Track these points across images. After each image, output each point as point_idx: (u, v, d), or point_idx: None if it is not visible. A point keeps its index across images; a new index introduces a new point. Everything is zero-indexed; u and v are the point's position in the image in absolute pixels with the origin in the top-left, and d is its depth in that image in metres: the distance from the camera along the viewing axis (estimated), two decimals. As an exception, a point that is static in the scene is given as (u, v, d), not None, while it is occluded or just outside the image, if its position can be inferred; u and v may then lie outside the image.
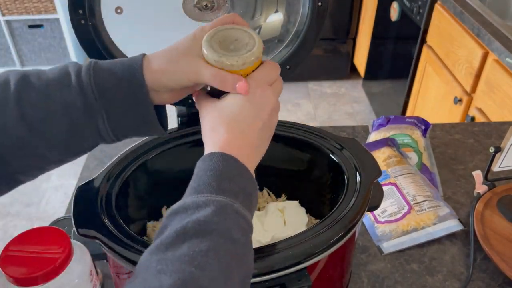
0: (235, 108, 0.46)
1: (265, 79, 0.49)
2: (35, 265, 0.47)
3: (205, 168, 0.42)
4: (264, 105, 0.47)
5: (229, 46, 0.48)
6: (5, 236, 1.88)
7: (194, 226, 0.37)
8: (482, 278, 0.72)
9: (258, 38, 0.49)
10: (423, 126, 0.97)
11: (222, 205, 0.39)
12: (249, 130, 0.46)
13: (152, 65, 0.49)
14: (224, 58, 0.47)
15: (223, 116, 0.46)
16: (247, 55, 0.47)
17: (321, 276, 0.55)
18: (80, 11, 0.57)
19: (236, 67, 0.47)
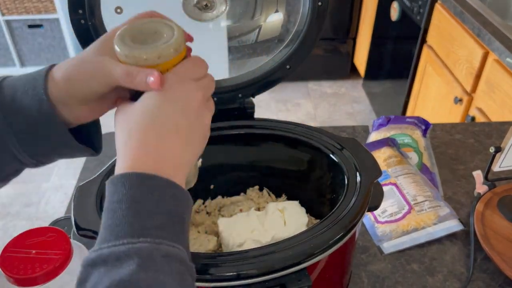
0: (149, 110, 0.38)
1: (188, 74, 0.41)
2: (35, 265, 0.47)
3: (119, 198, 0.34)
4: (187, 102, 0.40)
5: (146, 40, 0.42)
6: (5, 236, 1.88)
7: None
8: (482, 278, 0.72)
9: (178, 29, 0.43)
10: (423, 126, 0.97)
11: (148, 253, 0.32)
12: (170, 134, 0.38)
13: (56, 74, 0.42)
14: (136, 51, 0.40)
15: (135, 121, 0.38)
16: (163, 47, 0.40)
17: (321, 276, 0.55)
18: (80, 11, 0.57)
19: (152, 61, 0.40)
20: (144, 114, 0.38)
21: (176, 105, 0.39)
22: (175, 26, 0.43)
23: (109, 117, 1.57)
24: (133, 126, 0.38)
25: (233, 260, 0.48)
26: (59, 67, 0.43)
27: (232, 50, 0.71)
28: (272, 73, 0.68)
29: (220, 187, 0.73)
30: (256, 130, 0.69)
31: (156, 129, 0.38)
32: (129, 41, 0.42)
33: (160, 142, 0.37)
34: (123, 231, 0.33)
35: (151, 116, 0.38)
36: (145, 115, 0.38)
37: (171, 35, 0.42)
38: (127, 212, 0.34)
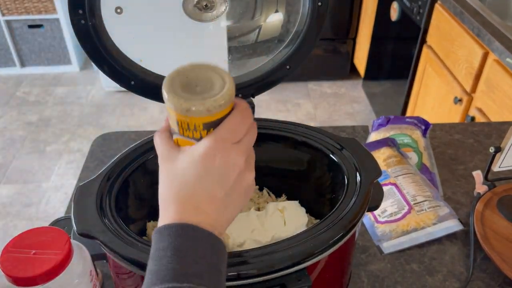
0: (189, 178, 0.40)
1: (230, 136, 0.41)
2: (35, 265, 0.47)
3: (165, 246, 0.37)
4: (225, 172, 0.40)
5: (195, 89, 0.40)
6: (5, 236, 1.88)
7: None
8: (482, 278, 0.72)
9: (229, 78, 0.41)
10: (423, 126, 0.97)
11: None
12: (207, 202, 0.40)
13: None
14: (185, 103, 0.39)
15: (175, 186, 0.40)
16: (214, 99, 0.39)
17: (321, 276, 0.55)
18: (80, 11, 0.57)
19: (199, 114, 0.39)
20: (182, 185, 0.40)
21: (213, 177, 0.40)
22: (227, 76, 0.41)
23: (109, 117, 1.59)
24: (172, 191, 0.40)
25: (233, 260, 0.48)
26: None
27: (232, 50, 0.71)
28: (272, 74, 0.68)
29: (220, 187, 0.73)
30: (256, 130, 0.69)
31: (193, 201, 0.40)
32: (178, 88, 0.40)
33: (196, 211, 0.39)
34: (168, 275, 0.36)
35: (189, 187, 0.40)
36: (183, 187, 0.40)
37: (221, 85, 0.40)
38: (172, 259, 0.36)
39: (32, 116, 2.61)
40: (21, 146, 2.38)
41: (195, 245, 0.38)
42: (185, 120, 0.40)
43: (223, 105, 0.40)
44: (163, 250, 0.37)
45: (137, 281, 0.52)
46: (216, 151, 0.40)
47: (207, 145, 0.40)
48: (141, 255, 0.48)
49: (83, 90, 2.84)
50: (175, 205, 0.40)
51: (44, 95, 2.79)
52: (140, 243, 0.50)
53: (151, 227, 0.67)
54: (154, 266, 0.37)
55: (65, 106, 2.69)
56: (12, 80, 2.93)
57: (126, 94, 2.72)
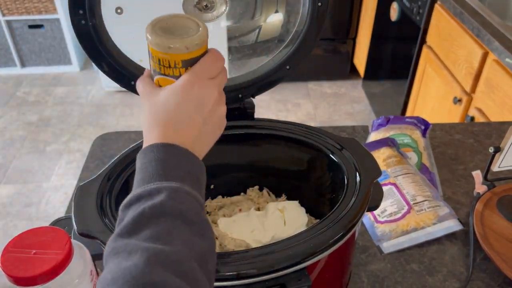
0: (170, 105, 0.45)
1: (206, 73, 0.47)
2: (35, 265, 0.47)
3: (149, 159, 0.43)
4: (203, 101, 0.46)
5: (174, 32, 0.47)
6: (5, 236, 1.88)
7: (151, 211, 0.38)
8: (481, 278, 0.72)
9: (203, 24, 0.48)
10: (423, 126, 0.97)
11: (174, 189, 0.40)
12: (186, 127, 0.45)
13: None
14: (167, 40, 0.46)
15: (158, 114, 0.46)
16: (191, 39, 0.46)
17: (321, 276, 0.55)
18: (80, 11, 0.57)
19: (179, 51, 0.46)
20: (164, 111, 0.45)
21: (192, 104, 0.46)
22: (201, 22, 0.48)
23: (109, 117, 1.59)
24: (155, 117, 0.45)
25: (233, 260, 0.48)
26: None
27: (232, 50, 0.71)
28: (272, 74, 0.68)
29: (220, 187, 0.73)
30: (256, 130, 0.69)
31: (173, 125, 0.45)
32: (159, 31, 0.47)
33: (176, 134, 0.45)
34: (153, 178, 0.41)
35: (170, 113, 0.45)
36: (165, 112, 0.45)
37: (197, 29, 0.47)
38: (155, 167, 0.42)
39: (32, 116, 2.61)
40: (21, 146, 2.38)
41: (177, 157, 0.43)
42: (166, 57, 0.46)
43: (199, 44, 0.46)
44: (148, 163, 0.42)
45: (137, 281, 0.52)
46: (194, 82, 0.46)
47: (186, 77, 0.46)
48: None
49: (83, 90, 2.84)
50: (157, 128, 0.44)
51: (44, 95, 2.79)
52: (140, 243, 0.50)
53: (151, 227, 0.67)
54: (140, 174, 0.42)
55: (65, 106, 2.70)
56: (12, 80, 2.93)
57: (126, 94, 2.72)
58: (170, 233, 0.38)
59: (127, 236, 0.38)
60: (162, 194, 0.39)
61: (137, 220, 0.38)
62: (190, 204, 0.40)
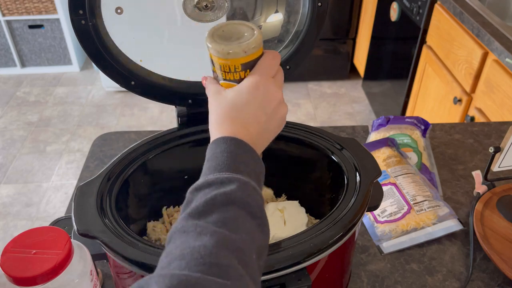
0: (238, 103, 0.49)
1: (267, 72, 0.50)
2: (35, 264, 0.47)
3: (221, 150, 0.45)
4: (267, 99, 0.49)
5: (231, 38, 0.51)
6: (5, 236, 1.88)
7: (222, 198, 0.41)
8: (481, 278, 0.72)
9: (257, 28, 0.51)
10: (422, 126, 0.97)
11: (243, 182, 0.43)
12: (252, 124, 0.48)
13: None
14: (226, 47, 0.49)
15: (227, 110, 0.49)
16: (247, 43, 0.49)
17: (321, 276, 0.55)
18: (80, 11, 0.57)
19: (238, 55, 0.49)
20: (232, 108, 0.49)
21: (257, 102, 0.49)
22: (253, 26, 0.51)
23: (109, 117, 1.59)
24: (225, 114, 0.49)
25: (233, 260, 0.48)
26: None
27: (232, 50, 0.71)
28: (272, 73, 0.68)
29: (220, 187, 0.73)
30: (256, 130, 0.69)
31: (242, 120, 0.48)
32: (217, 38, 0.50)
33: (244, 128, 0.48)
34: (225, 168, 0.44)
35: (238, 110, 0.49)
36: (233, 109, 0.49)
37: (251, 34, 0.50)
38: (227, 158, 0.45)
39: (32, 116, 2.61)
40: (21, 146, 2.38)
41: (245, 153, 0.46)
42: (226, 63, 0.50)
43: (256, 47, 0.50)
44: (220, 153, 0.45)
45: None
46: (259, 83, 0.49)
47: (251, 79, 0.49)
48: (141, 255, 0.48)
49: (83, 90, 2.84)
50: (227, 123, 0.48)
51: (44, 95, 2.79)
52: (140, 243, 0.50)
53: (151, 227, 0.67)
54: (211, 162, 0.45)
55: (65, 106, 2.70)
56: (12, 80, 2.93)
57: (126, 94, 2.73)
58: (236, 221, 0.40)
59: (197, 217, 0.40)
60: (233, 184, 0.42)
61: (209, 203, 0.40)
62: (256, 199, 0.43)
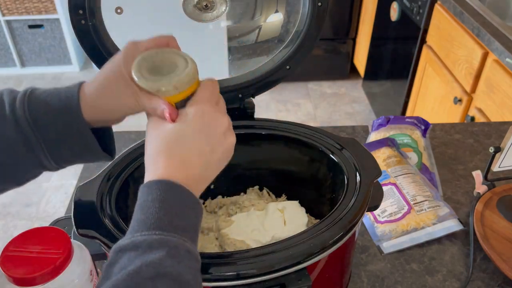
0: (176, 135, 0.44)
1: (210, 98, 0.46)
2: (35, 265, 0.47)
3: (153, 198, 0.40)
4: (212, 127, 0.45)
5: (162, 71, 0.45)
6: (5, 236, 1.88)
7: (148, 269, 0.36)
8: (481, 278, 0.72)
9: (191, 60, 0.46)
10: (423, 126, 0.97)
11: (175, 246, 0.38)
12: (193, 157, 0.43)
13: (88, 101, 0.47)
14: (154, 84, 0.44)
15: (164, 144, 0.44)
16: (178, 79, 0.44)
17: (321, 276, 0.55)
18: (80, 11, 0.57)
19: (169, 93, 0.44)
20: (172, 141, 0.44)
21: (201, 134, 0.44)
22: (188, 58, 0.46)
23: (109, 117, 1.50)
24: (162, 147, 0.44)
25: (233, 260, 0.48)
26: (90, 92, 0.47)
27: (232, 50, 0.71)
28: (272, 74, 0.68)
29: (220, 187, 0.73)
30: (256, 130, 0.69)
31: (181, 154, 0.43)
32: (145, 72, 0.45)
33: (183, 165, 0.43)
34: (155, 224, 0.39)
35: (177, 141, 0.44)
36: (173, 142, 0.44)
37: (184, 66, 0.45)
38: (159, 210, 0.39)
39: (32, 116, 2.61)
40: (21, 146, 2.38)
41: (181, 202, 0.41)
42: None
43: (188, 82, 0.45)
44: (151, 202, 0.40)
45: (137, 281, 0.52)
46: (203, 110, 0.45)
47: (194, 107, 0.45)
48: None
49: (83, 90, 2.84)
50: (163, 157, 0.43)
51: (44, 95, 2.79)
52: (140, 243, 0.50)
53: (151, 227, 0.67)
54: (141, 215, 0.40)
55: (65, 106, 2.69)
56: (12, 80, 2.93)
57: (126, 94, 2.72)
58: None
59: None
60: (162, 250, 0.37)
61: (132, 276, 0.35)
62: (189, 264, 0.38)
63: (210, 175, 0.46)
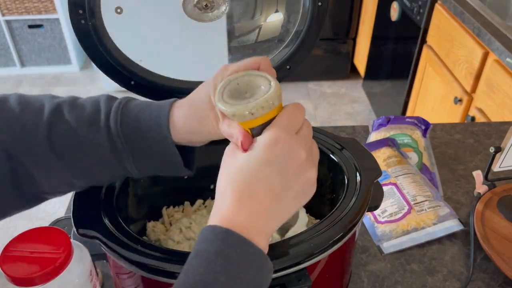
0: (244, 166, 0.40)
1: (289, 126, 0.41)
2: (35, 265, 0.47)
3: (216, 251, 0.37)
4: (287, 162, 0.40)
5: (244, 94, 0.43)
6: (5, 236, 1.88)
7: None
8: (482, 278, 0.72)
9: (275, 83, 0.42)
10: (423, 126, 0.97)
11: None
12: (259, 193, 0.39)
13: (178, 125, 0.48)
14: (236, 108, 0.41)
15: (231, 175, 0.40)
16: (256, 103, 0.40)
17: (321, 276, 0.55)
18: (80, 11, 0.57)
19: (244, 118, 0.41)
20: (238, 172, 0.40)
21: (274, 166, 0.39)
22: (271, 78, 0.43)
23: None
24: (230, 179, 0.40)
25: (233, 260, 0.48)
26: (180, 115, 0.48)
27: (232, 50, 0.71)
28: (272, 73, 0.68)
29: (220, 187, 0.73)
30: (256, 130, 0.69)
31: (250, 189, 0.39)
32: (226, 95, 0.42)
33: (252, 203, 0.39)
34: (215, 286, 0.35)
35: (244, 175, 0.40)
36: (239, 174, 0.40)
37: (266, 90, 0.42)
38: (221, 269, 0.36)
39: (32, 116, 2.61)
40: (21, 146, 2.38)
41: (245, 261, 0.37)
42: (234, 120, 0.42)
43: (266, 108, 0.41)
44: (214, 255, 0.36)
45: (137, 281, 0.52)
46: (278, 138, 0.40)
47: (268, 134, 0.40)
48: (141, 255, 0.48)
49: (83, 90, 2.84)
50: (231, 196, 0.39)
51: (44, 95, 2.79)
52: (140, 243, 0.50)
53: (151, 227, 0.67)
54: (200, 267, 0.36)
55: (65, 106, 2.69)
56: (12, 80, 2.93)
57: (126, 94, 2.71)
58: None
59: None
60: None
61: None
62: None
63: (283, 214, 0.41)
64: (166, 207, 0.71)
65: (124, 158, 0.49)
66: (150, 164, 0.50)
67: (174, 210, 0.71)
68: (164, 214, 0.70)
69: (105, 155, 0.49)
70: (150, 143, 0.48)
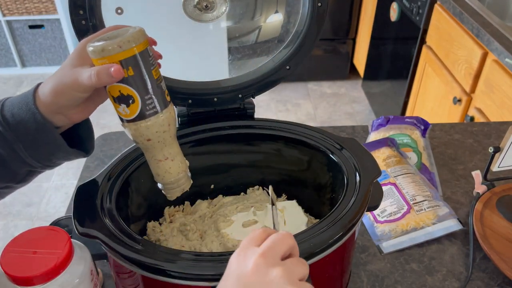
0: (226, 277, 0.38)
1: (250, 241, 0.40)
2: (35, 264, 0.47)
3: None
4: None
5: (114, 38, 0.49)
6: (6, 236, 1.88)
7: None
8: (481, 277, 0.72)
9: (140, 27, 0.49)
10: (422, 126, 0.97)
11: None
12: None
13: (42, 91, 0.51)
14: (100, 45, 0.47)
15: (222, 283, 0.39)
16: (123, 37, 0.47)
17: (321, 276, 0.55)
18: (80, 11, 0.57)
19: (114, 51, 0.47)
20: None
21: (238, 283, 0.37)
22: (138, 27, 0.50)
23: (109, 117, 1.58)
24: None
25: (233, 260, 0.48)
26: (44, 84, 0.52)
27: (232, 50, 0.71)
28: (272, 74, 0.68)
29: (220, 186, 0.73)
30: (256, 130, 0.69)
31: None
32: (96, 41, 0.49)
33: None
34: None
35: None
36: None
37: (134, 29, 0.49)
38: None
39: (32, 116, 2.61)
40: (21, 146, 2.38)
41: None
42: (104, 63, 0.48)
43: (132, 42, 0.47)
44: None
45: (137, 281, 0.52)
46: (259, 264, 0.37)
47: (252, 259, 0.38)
48: (141, 254, 0.49)
49: (83, 90, 2.84)
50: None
51: (44, 95, 2.79)
52: (140, 243, 0.50)
53: (151, 227, 0.67)
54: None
55: (65, 106, 2.69)
56: (13, 80, 2.93)
57: (126, 94, 2.72)
58: None
59: None
60: None
61: None
62: None
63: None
64: (167, 207, 0.71)
65: (15, 146, 0.51)
66: (39, 148, 0.52)
67: (174, 210, 0.72)
68: (165, 214, 0.70)
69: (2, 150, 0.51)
70: (25, 122, 0.51)
